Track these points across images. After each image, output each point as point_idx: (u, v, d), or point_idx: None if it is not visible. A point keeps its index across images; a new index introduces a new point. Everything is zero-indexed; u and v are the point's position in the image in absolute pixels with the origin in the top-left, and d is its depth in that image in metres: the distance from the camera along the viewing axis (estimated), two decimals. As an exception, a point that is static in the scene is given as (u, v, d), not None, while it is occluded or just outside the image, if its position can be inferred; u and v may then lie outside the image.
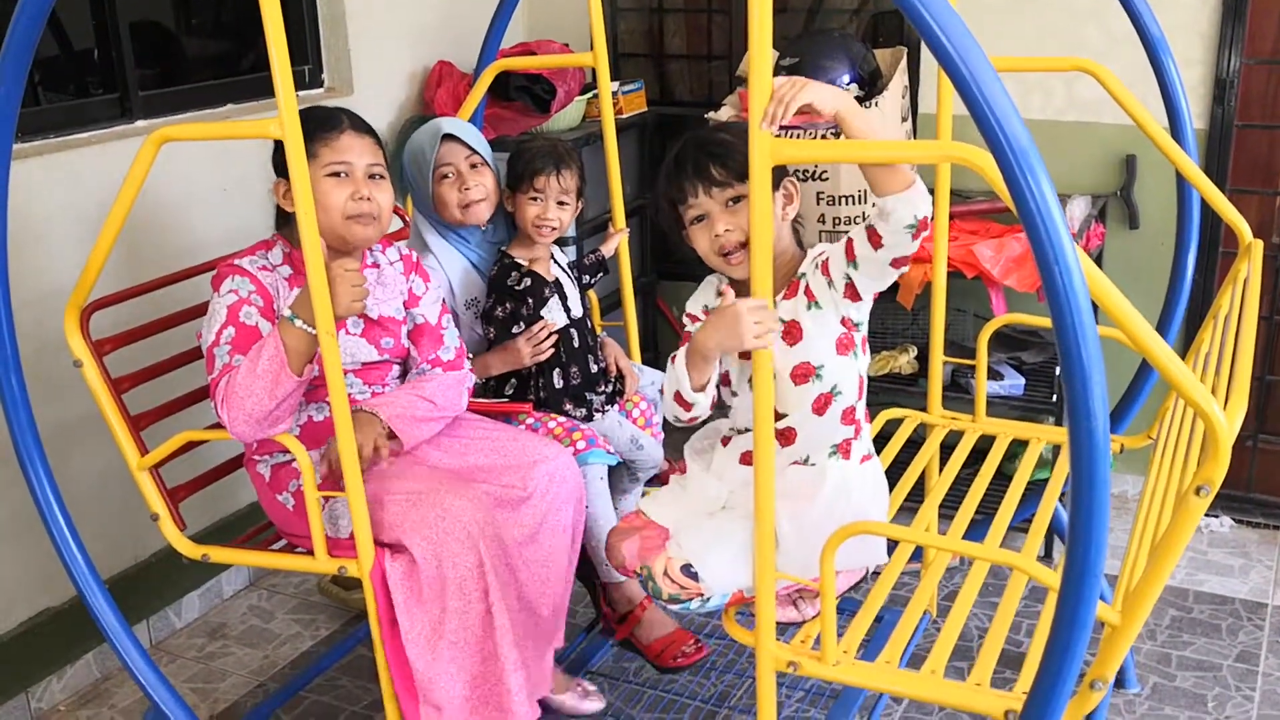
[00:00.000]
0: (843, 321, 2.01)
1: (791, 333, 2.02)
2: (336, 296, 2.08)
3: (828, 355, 2.02)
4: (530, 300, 2.64)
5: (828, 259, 1.99)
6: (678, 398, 1.99)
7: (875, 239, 1.87)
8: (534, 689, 2.33)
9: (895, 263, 1.90)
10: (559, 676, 2.61)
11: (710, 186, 2.01)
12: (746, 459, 2.12)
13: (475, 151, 2.66)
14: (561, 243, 2.95)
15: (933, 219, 1.95)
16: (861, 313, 2.03)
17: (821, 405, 2.05)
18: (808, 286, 2.01)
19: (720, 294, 2.04)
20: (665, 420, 2.94)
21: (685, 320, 2.13)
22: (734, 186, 2.00)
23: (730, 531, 2.02)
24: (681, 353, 1.97)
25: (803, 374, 2.03)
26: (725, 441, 2.18)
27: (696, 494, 2.15)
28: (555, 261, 2.78)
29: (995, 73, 1.37)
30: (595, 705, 2.64)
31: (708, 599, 2.00)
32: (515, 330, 2.66)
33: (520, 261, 2.68)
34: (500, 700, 2.25)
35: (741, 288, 1.97)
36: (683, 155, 2.04)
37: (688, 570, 1.99)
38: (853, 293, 1.97)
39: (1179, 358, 1.50)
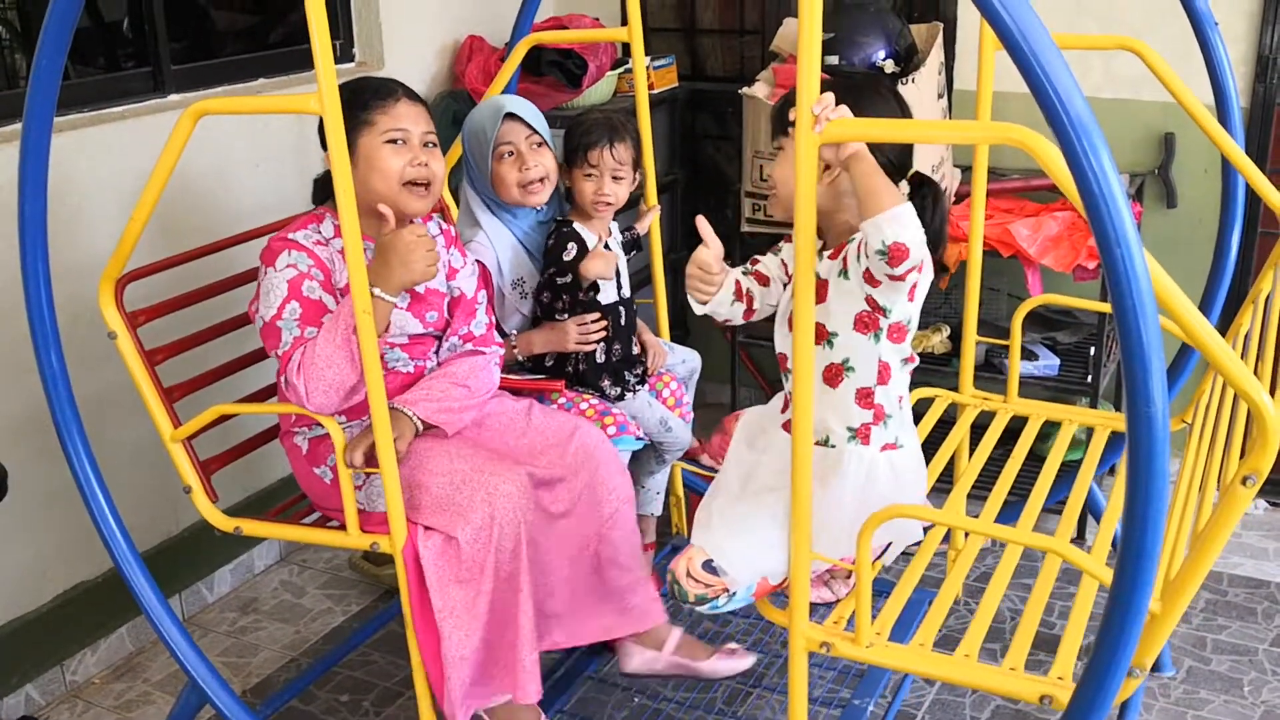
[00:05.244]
0: (867, 300, 1.98)
1: (819, 291, 2.01)
2: (412, 263, 2.15)
3: (843, 325, 2.01)
4: (573, 275, 2.63)
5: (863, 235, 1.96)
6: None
7: (863, 249, 1.86)
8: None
9: (891, 276, 1.86)
10: (697, 645, 2.57)
11: (772, 134, 2.12)
12: (787, 426, 2.11)
13: (536, 131, 2.66)
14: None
15: (929, 231, 1.89)
16: (889, 299, 1.96)
17: (832, 376, 2.04)
18: (846, 254, 2.00)
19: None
20: (694, 401, 2.94)
21: None
22: (779, 138, 2.08)
23: (746, 516, 2.01)
24: None
25: (816, 335, 2.00)
26: (786, 405, 2.17)
27: (731, 467, 2.16)
28: (612, 236, 2.79)
29: (1056, 47, 1.34)
30: (745, 662, 2.57)
31: (733, 593, 1.98)
32: (563, 302, 2.66)
33: (578, 230, 2.67)
34: (515, 669, 2.27)
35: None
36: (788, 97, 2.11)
37: (708, 566, 1.98)
38: (871, 279, 1.93)
39: (1228, 346, 1.48)
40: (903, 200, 1.79)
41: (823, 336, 2.03)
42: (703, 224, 2.07)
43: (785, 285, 2.21)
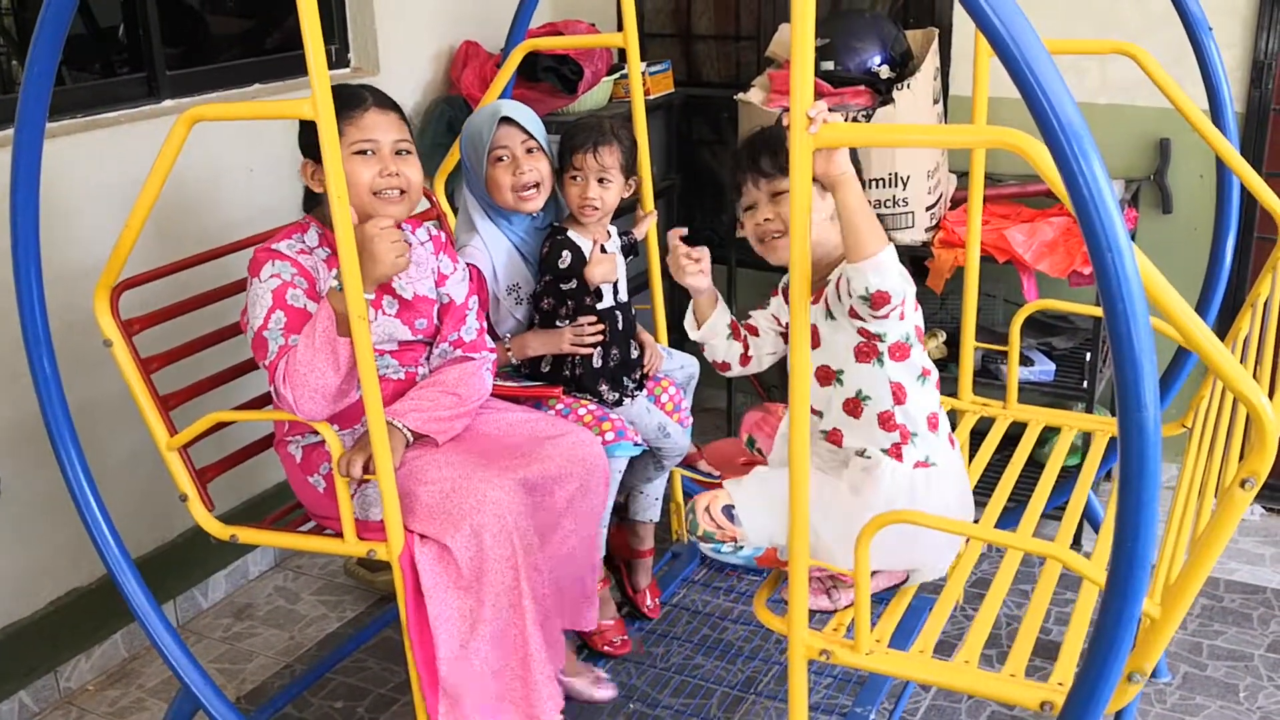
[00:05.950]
0: (860, 331, 2.01)
1: (811, 338, 2.05)
2: (379, 255, 2.10)
3: (847, 361, 2.06)
4: (575, 281, 2.63)
5: (843, 275, 1.99)
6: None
7: (847, 289, 1.92)
8: (554, 671, 2.35)
9: (874, 318, 1.94)
10: (571, 659, 2.62)
11: (759, 178, 2.14)
12: (828, 438, 2.14)
13: (531, 136, 2.65)
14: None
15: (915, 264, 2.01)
16: (879, 326, 1.98)
17: (852, 408, 2.08)
18: (826, 296, 2.04)
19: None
20: (693, 406, 2.93)
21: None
22: (779, 180, 2.11)
23: (779, 487, 2.01)
24: None
25: (824, 376, 2.09)
26: (822, 415, 2.23)
27: (775, 450, 2.24)
28: (610, 240, 2.78)
29: (1048, 53, 1.34)
30: (608, 694, 2.64)
31: (740, 546, 2.05)
32: (567, 308, 2.66)
33: (572, 237, 2.66)
34: (526, 692, 2.24)
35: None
36: (745, 146, 2.18)
37: (728, 511, 2.04)
38: (855, 315, 1.97)
39: (1225, 349, 1.48)
40: (886, 243, 1.83)
41: (830, 377, 2.08)
42: (674, 235, 2.22)
43: (779, 334, 2.29)
